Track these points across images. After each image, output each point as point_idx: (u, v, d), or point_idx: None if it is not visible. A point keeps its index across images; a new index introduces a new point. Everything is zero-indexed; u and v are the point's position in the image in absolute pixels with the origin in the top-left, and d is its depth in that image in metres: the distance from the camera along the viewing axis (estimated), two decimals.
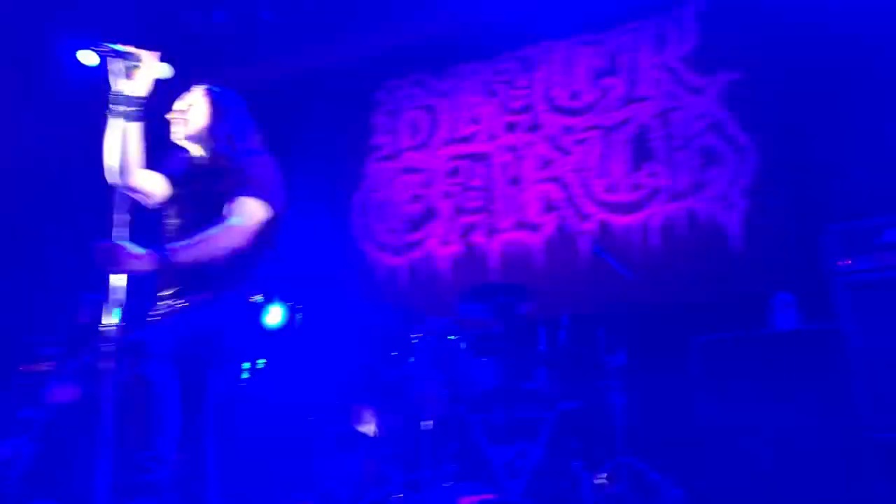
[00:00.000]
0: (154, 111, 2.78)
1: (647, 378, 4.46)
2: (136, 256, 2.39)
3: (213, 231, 2.60)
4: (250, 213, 2.69)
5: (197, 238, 2.58)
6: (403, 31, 6.24)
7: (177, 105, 2.86)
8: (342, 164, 6.61)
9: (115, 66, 2.50)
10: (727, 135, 5.24)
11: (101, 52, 2.51)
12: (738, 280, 4.86)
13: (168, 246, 2.52)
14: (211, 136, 2.85)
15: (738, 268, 4.94)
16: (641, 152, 5.49)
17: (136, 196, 2.76)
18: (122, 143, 2.62)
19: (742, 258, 4.98)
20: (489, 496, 1.77)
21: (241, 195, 2.70)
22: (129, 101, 2.53)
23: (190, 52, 6.30)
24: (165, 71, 2.65)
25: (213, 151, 2.84)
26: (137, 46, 2.58)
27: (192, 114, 2.87)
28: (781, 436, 3.35)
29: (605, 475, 3.92)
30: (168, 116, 2.83)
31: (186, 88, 2.90)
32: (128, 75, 2.53)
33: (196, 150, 2.89)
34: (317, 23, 6.24)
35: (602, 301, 4.27)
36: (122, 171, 2.66)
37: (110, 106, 2.55)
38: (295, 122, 6.29)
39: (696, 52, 5.49)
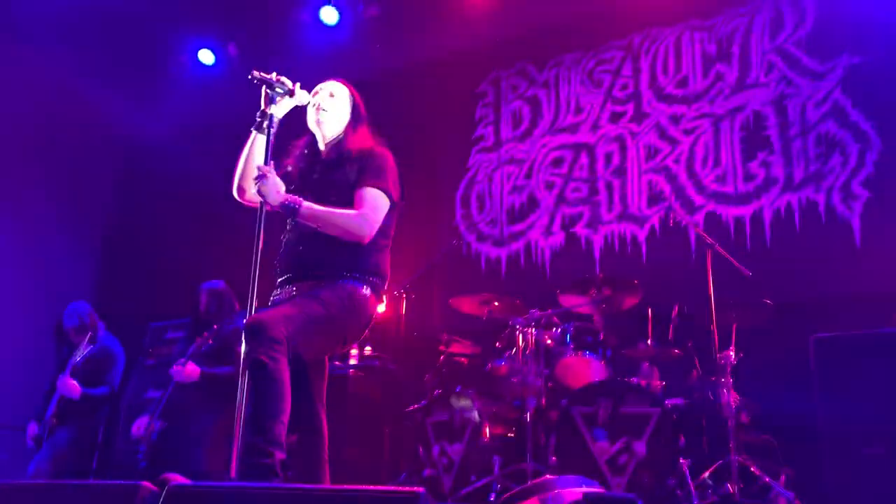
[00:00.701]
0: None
1: (759, 376, 4.32)
2: (277, 187, 2.64)
3: (345, 211, 2.72)
4: (376, 204, 2.77)
5: (329, 209, 2.71)
6: (507, 22, 6.23)
7: (320, 93, 2.95)
8: (446, 156, 6.67)
9: (268, 91, 2.76)
10: (848, 122, 4.97)
11: (260, 80, 2.75)
12: (860, 276, 4.61)
13: (301, 200, 2.66)
14: (345, 129, 2.94)
15: (859, 263, 4.69)
16: (755, 141, 5.27)
17: (255, 202, 2.86)
18: (250, 151, 2.85)
19: (864, 253, 4.72)
20: (596, 489, 1.77)
21: (368, 186, 2.78)
22: (272, 122, 2.75)
23: (298, 47, 6.56)
24: (305, 98, 2.87)
25: (342, 143, 2.91)
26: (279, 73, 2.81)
27: (333, 104, 2.94)
28: None
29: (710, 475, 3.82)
30: (309, 101, 2.91)
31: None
32: (274, 100, 2.77)
33: (325, 139, 2.95)
34: (421, 15, 6.32)
35: (713, 296, 4.13)
36: (243, 177, 2.88)
37: (257, 123, 2.81)
38: (401, 114, 6.39)
39: (815, 36, 5.23)
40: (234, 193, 2.93)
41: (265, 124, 2.75)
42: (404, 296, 5.30)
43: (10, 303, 6.24)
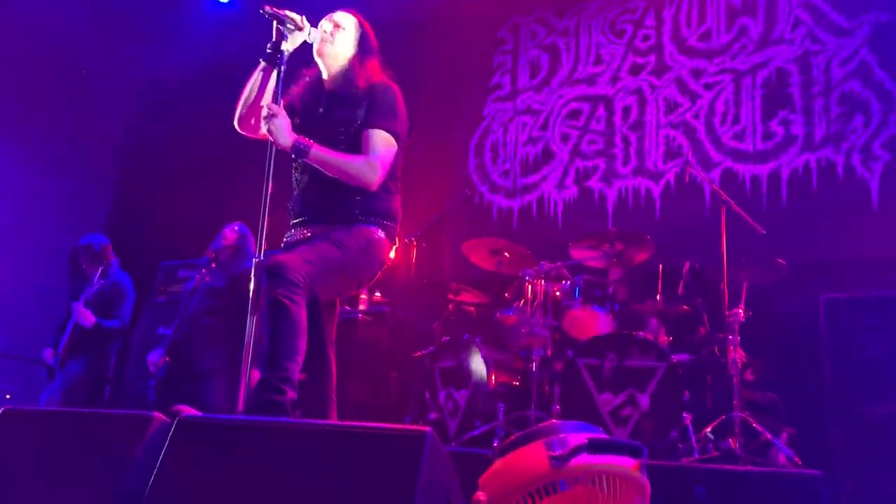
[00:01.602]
0: None
1: (768, 335, 4.32)
2: (287, 127, 2.62)
3: (354, 157, 2.70)
4: (385, 148, 2.73)
5: (338, 154, 2.69)
6: None
7: (325, 24, 2.88)
8: (462, 104, 6.59)
9: (279, 27, 2.72)
10: (873, 82, 4.87)
11: (271, 14, 2.70)
12: (875, 239, 4.57)
13: (311, 143, 2.64)
14: (351, 61, 2.87)
15: (875, 225, 4.64)
16: (776, 99, 5.18)
17: (256, 134, 2.84)
18: (260, 84, 2.80)
19: (880, 215, 4.67)
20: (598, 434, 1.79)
21: (376, 127, 2.74)
22: (283, 58, 2.71)
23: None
24: (315, 35, 2.81)
25: (348, 77, 2.85)
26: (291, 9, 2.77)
27: (340, 35, 2.87)
28: None
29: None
30: (316, 34, 2.84)
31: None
32: (285, 36, 2.72)
33: (330, 71, 2.89)
34: None
35: (725, 254, 4.10)
36: (250, 108, 2.84)
37: (268, 56, 2.77)
38: (418, 60, 6.29)
39: None
40: (236, 124, 2.89)
41: (275, 58, 2.72)
42: (415, 243, 5.31)
43: (24, 236, 6.30)
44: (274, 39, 2.74)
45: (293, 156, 2.70)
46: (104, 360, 4.92)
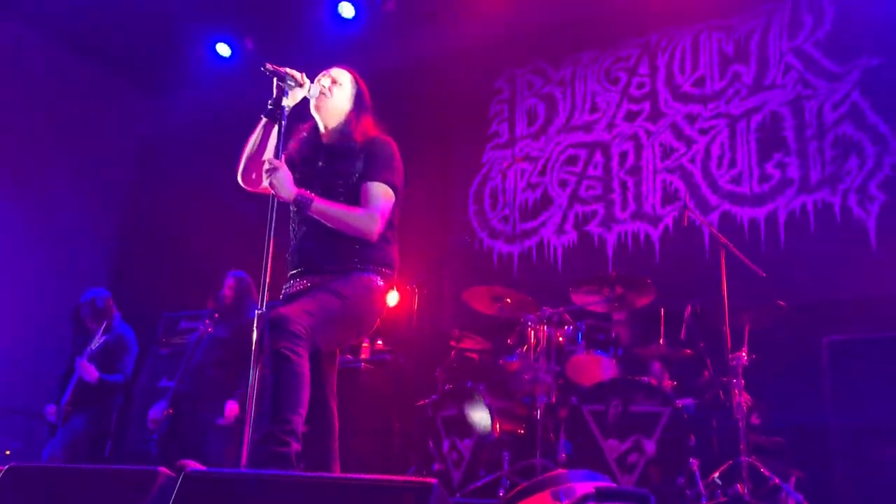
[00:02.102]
0: None
1: (771, 378, 4.31)
2: (289, 181, 2.65)
3: (355, 209, 2.75)
4: (384, 200, 2.78)
5: (339, 206, 2.74)
6: (523, 19, 6.23)
7: (323, 80, 2.95)
8: (460, 151, 6.68)
9: (279, 84, 2.78)
10: (866, 124, 4.94)
11: (272, 72, 2.77)
12: (875, 279, 4.59)
13: (314, 196, 2.68)
14: (348, 116, 2.94)
15: (874, 266, 4.67)
16: (771, 142, 5.26)
17: (259, 189, 2.89)
18: (261, 139, 2.86)
19: (879, 256, 4.69)
20: (607, 483, 1.78)
21: (375, 180, 2.80)
22: (283, 113, 2.77)
23: (314, 41, 6.59)
24: (314, 91, 2.88)
25: (346, 132, 2.91)
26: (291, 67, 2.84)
27: (338, 91, 2.94)
28: None
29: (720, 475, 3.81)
30: (314, 91, 2.90)
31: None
32: (286, 92, 2.78)
33: (328, 126, 2.95)
34: (437, 11, 6.34)
35: (726, 297, 4.12)
36: (252, 161, 2.89)
37: (269, 112, 2.83)
38: (415, 109, 6.40)
39: (833, 37, 5.21)
40: (239, 179, 2.94)
41: (276, 114, 2.77)
42: (416, 291, 5.32)
43: (27, 289, 6.32)
44: (274, 96, 2.80)
45: (294, 209, 2.73)
46: (106, 415, 4.90)
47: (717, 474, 3.81)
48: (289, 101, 2.79)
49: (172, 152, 7.34)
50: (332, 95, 2.92)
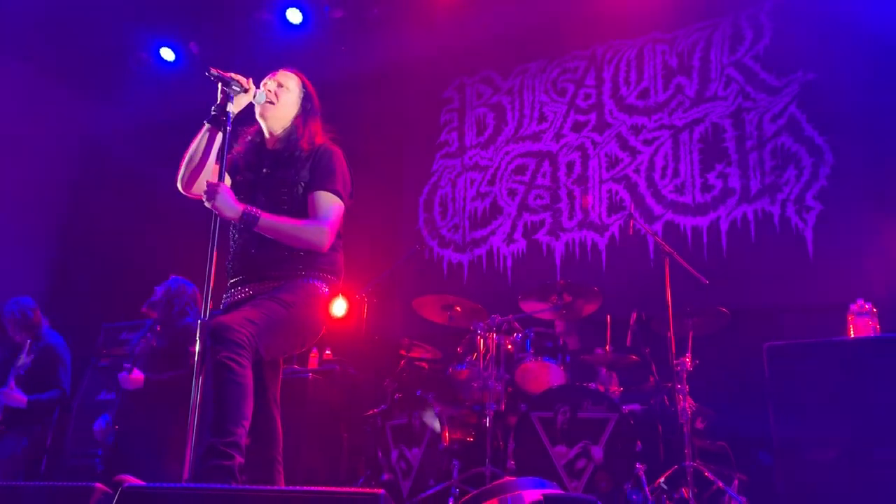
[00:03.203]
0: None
1: (714, 383, 4.39)
2: (231, 201, 2.57)
3: (304, 223, 2.69)
4: (332, 210, 2.74)
5: (287, 219, 2.68)
6: (473, 29, 6.26)
7: (270, 83, 2.89)
8: (410, 160, 6.67)
9: (224, 89, 2.70)
10: (803, 136, 5.10)
11: (217, 77, 2.69)
12: (812, 287, 4.74)
13: (259, 212, 2.61)
14: (294, 122, 2.88)
15: (811, 274, 4.81)
16: (713, 153, 5.39)
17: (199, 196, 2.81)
18: (205, 147, 2.77)
19: (816, 264, 4.84)
20: (556, 490, 1.78)
21: (321, 190, 2.75)
22: (227, 118, 2.68)
23: (261, 46, 6.50)
24: (260, 97, 2.82)
25: (292, 138, 2.85)
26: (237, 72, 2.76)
27: (285, 96, 2.88)
28: (856, 450, 3.24)
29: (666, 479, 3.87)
30: (260, 92, 2.84)
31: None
32: (230, 98, 2.69)
33: (274, 132, 2.89)
34: (387, 19, 6.32)
35: (671, 304, 4.20)
36: (194, 172, 2.80)
37: (212, 118, 2.73)
38: (365, 117, 6.37)
39: (772, 51, 5.37)
40: (179, 185, 2.83)
41: (220, 120, 2.68)
42: (366, 299, 5.28)
43: None
44: (219, 101, 2.72)
45: (242, 223, 2.62)
46: (42, 430, 4.69)
47: (662, 479, 3.87)
48: (233, 107, 2.71)
49: (116, 156, 7.15)
50: (279, 101, 2.86)
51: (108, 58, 6.87)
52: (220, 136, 2.71)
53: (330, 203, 2.74)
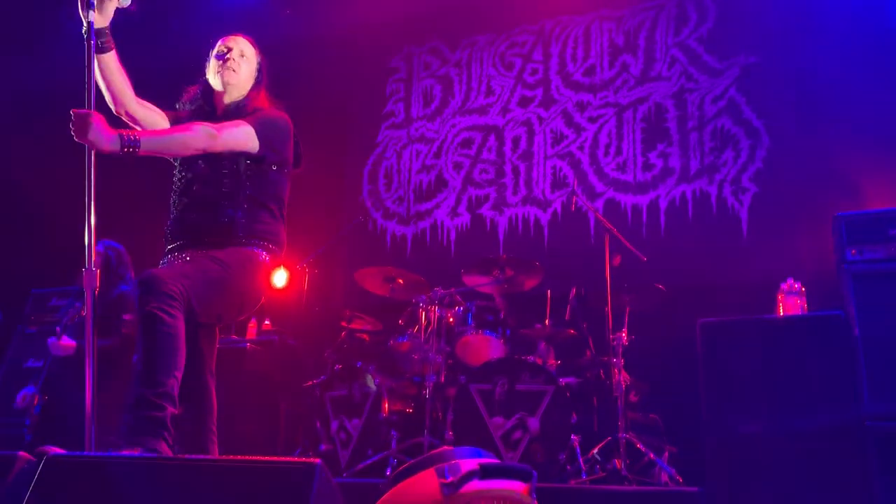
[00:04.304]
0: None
1: (650, 358, 4.50)
2: (104, 129, 2.35)
3: (191, 128, 2.57)
4: (236, 130, 2.62)
5: (168, 131, 2.60)
6: None
7: (223, 49, 2.78)
8: (355, 130, 6.58)
9: None
10: (742, 119, 5.22)
11: None
12: (745, 266, 4.87)
13: (138, 131, 2.48)
14: (249, 94, 2.80)
15: (745, 254, 4.95)
16: (655, 132, 5.47)
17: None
18: (101, 75, 2.62)
19: (749, 244, 4.98)
20: (492, 460, 1.81)
21: (241, 120, 2.66)
22: (98, 32, 2.50)
23: (201, 6, 6.28)
24: (125, 0, 2.58)
25: (241, 107, 2.77)
26: None
27: (244, 66, 2.80)
28: (782, 422, 3.37)
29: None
30: (218, 56, 2.74)
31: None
32: (92, 5, 2.47)
33: (227, 97, 2.80)
34: None
35: (609, 280, 4.27)
36: (115, 102, 2.68)
37: (85, 39, 2.50)
38: (310, 84, 6.24)
39: (715, 34, 5.46)
40: (116, 113, 2.71)
41: (87, 35, 2.45)
42: (307, 270, 5.22)
43: None
44: (80, 11, 2.46)
45: (124, 150, 2.36)
46: None
47: (596, 450, 3.96)
48: (99, 18, 2.49)
49: (41, 113, 6.84)
50: (240, 69, 2.78)
51: (37, 14, 6.55)
52: (95, 57, 2.51)
53: (236, 125, 2.64)
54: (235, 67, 2.77)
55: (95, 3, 2.45)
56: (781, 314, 3.80)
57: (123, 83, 2.68)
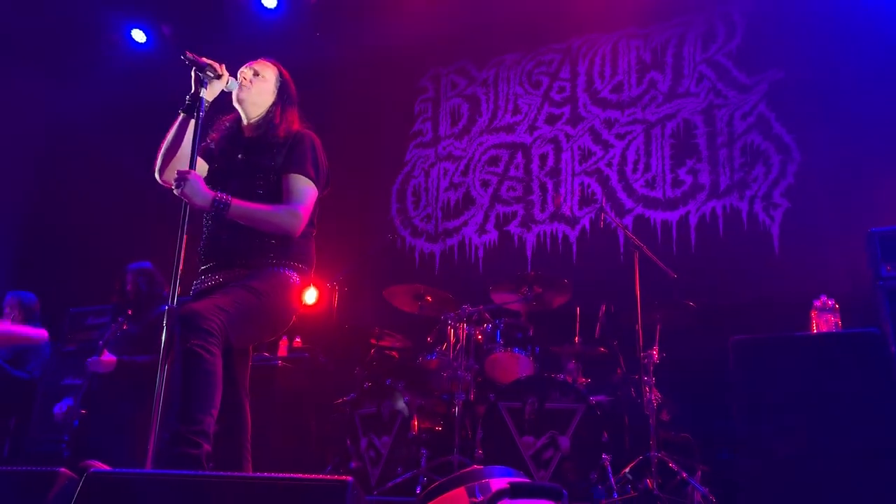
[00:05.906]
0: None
1: (681, 376, 4.46)
2: (201, 188, 2.55)
3: (276, 208, 2.67)
4: (305, 195, 2.72)
5: (259, 205, 2.66)
6: (449, 19, 6.24)
7: (245, 72, 2.88)
8: (384, 149, 6.65)
9: (198, 74, 2.69)
10: (772, 134, 5.18)
11: (191, 61, 2.67)
12: (777, 282, 4.82)
13: (231, 199, 2.59)
14: (271, 110, 2.87)
15: (777, 270, 4.90)
16: (684, 148, 5.45)
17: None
18: (176, 135, 2.76)
19: (781, 260, 4.93)
20: (522, 479, 1.81)
21: (296, 173, 2.73)
22: (200, 105, 2.66)
23: (234, 30, 6.42)
24: (232, 85, 2.81)
25: (268, 124, 2.84)
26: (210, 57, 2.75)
27: (259, 84, 2.87)
28: (818, 440, 3.31)
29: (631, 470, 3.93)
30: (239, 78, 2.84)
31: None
32: (204, 84, 2.68)
33: (250, 119, 2.88)
34: (363, 6, 6.28)
35: (639, 297, 4.25)
36: (164, 163, 2.79)
37: (186, 106, 2.72)
38: (339, 104, 6.33)
39: (744, 50, 5.44)
40: (157, 175, 2.82)
41: (194, 108, 2.66)
42: (336, 288, 5.26)
43: None
44: (193, 88, 2.70)
45: (213, 209, 2.59)
46: (2, 415, 4.64)
47: (627, 469, 3.93)
48: (207, 94, 2.70)
49: (82, 140, 7.03)
50: (253, 88, 2.85)
51: (78, 39, 6.74)
52: (192, 123, 2.67)
53: (302, 186, 2.73)
54: (247, 85, 2.85)
55: (207, 83, 2.69)
56: (815, 331, 3.75)
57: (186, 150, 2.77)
